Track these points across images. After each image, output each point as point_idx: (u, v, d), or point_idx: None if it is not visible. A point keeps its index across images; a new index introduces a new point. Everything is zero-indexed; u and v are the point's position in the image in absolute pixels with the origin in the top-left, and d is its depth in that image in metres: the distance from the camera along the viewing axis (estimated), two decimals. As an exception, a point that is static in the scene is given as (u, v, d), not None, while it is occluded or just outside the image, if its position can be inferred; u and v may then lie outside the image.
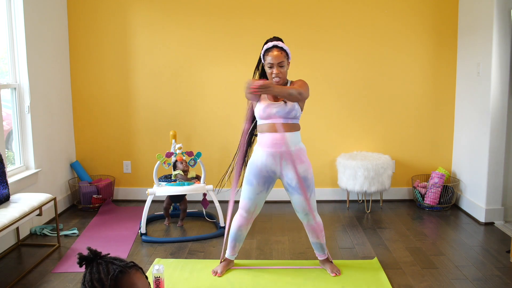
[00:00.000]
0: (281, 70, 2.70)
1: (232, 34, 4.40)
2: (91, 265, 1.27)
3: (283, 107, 2.73)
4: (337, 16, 4.37)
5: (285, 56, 2.71)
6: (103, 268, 1.24)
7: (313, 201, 2.83)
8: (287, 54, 2.73)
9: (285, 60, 2.71)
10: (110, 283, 1.20)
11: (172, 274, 2.92)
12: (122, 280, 1.21)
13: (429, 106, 4.47)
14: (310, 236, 2.93)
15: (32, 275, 2.94)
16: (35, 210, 3.12)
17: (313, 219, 2.85)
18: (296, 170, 2.74)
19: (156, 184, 3.63)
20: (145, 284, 1.27)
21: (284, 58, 2.70)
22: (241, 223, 2.92)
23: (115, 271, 1.22)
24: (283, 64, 2.70)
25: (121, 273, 1.22)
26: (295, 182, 2.75)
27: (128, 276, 1.23)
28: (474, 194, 4.07)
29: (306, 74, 4.42)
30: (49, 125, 4.07)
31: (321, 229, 2.91)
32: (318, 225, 2.88)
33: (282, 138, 2.73)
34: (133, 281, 1.23)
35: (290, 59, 2.77)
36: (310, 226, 2.88)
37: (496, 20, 3.66)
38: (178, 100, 4.49)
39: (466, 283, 2.80)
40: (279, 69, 2.69)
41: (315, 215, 2.86)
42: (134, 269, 1.27)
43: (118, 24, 4.42)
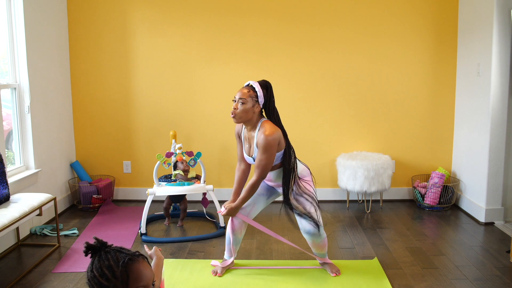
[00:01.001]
0: (239, 107, 2.67)
1: (233, 33, 4.40)
2: (99, 254, 1.31)
3: (252, 160, 2.80)
4: (337, 16, 4.37)
5: (251, 95, 2.66)
6: (112, 256, 1.29)
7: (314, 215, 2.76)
8: (256, 96, 2.67)
9: (249, 99, 2.66)
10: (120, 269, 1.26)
11: (172, 274, 2.92)
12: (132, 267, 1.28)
13: (429, 106, 4.47)
14: (314, 249, 2.91)
15: (32, 275, 2.94)
16: (35, 210, 3.12)
17: (319, 237, 2.79)
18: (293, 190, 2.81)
19: (156, 184, 3.63)
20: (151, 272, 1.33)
21: (248, 97, 2.66)
22: (234, 227, 2.92)
23: (125, 259, 1.28)
24: (244, 101, 2.66)
25: (131, 260, 1.29)
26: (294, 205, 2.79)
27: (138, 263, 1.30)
28: (474, 194, 4.07)
29: (306, 74, 4.44)
30: (49, 125, 4.07)
31: (325, 243, 2.88)
32: (324, 241, 2.85)
33: (268, 176, 2.84)
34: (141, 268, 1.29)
35: (261, 102, 2.68)
36: (315, 244, 2.84)
37: (496, 20, 3.66)
38: (178, 100, 4.49)
39: (466, 283, 2.80)
40: (238, 105, 2.69)
41: (322, 232, 2.79)
42: (141, 257, 1.34)
43: (118, 24, 4.42)
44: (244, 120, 2.71)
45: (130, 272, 1.28)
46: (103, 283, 1.27)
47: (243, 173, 2.95)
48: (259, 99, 2.67)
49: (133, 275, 1.28)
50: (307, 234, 2.77)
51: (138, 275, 1.29)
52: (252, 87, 2.69)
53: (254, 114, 2.70)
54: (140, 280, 1.29)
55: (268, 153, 2.63)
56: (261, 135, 2.64)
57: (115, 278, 1.26)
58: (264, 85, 2.72)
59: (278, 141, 2.66)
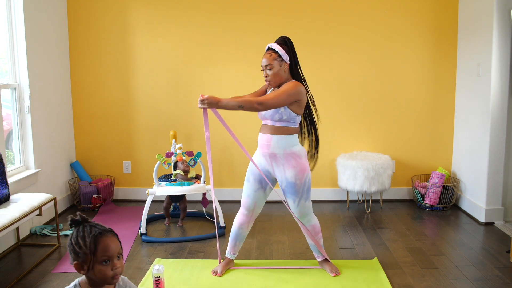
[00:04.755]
0: (269, 73, 2.69)
1: (233, 33, 4.40)
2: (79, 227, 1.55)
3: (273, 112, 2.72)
4: (337, 16, 4.37)
5: (275, 58, 2.67)
6: (87, 229, 1.53)
7: (302, 207, 2.78)
8: (279, 56, 2.68)
9: (275, 62, 2.67)
10: (90, 240, 1.50)
11: (172, 274, 2.92)
12: (100, 239, 1.51)
13: (429, 106, 4.47)
14: (306, 238, 2.95)
15: (32, 275, 2.94)
16: (35, 210, 3.12)
17: (307, 222, 2.86)
18: (285, 173, 2.74)
19: (156, 184, 3.63)
20: (117, 246, 1.56)
21: (273, 60, 2.67)
22: (242, 221, 2.93)
23: (95, 232, 1.52)
24: (271, 67, 2.68)
25: (100, 234, 1.52)
26: (284, 185, 2.78)
27: (105, 237, 1.53)
28: (474, 194, 4.07)
29: (306, 73, 4.42)
30: (49, 125, 4.07)
31: (316, 231, 2.90)
32: (313, 227, 2.88)
33: (269, 140, 2.73)
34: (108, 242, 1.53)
35: (286, 59, 2.70)
36: (305, 228, 2.89)
37: (496, 20, 3.66)
38: (178, 100, 4.49)
39: (466, 283, 2.80)
40: (267, 72, 2.70)
41: (309, 219, 2.85)
42: (110, 233, 1.57)
43: (118, 24, 4.42)
44: (279, 82, 2.73)
45: (98, 243, 1.51)
46: (76, 250, 1.51)
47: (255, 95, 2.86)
48: (284, 57, 2.69)
49: (100, 247, 1.51)
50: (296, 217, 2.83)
51: (105, 247, 1.51)
52: (273, 49, 2.69)
53: (285, 73, 2.72)
54: (106, 251, 1.51)
55: (285, 95, 2.59)
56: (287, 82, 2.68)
57: (85, 247, 1.50)
58: (283, 41, 2.73)
59: (298, 94, 2.63)
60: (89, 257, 1.50)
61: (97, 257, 1.51)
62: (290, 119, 2.69)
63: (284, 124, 2.70)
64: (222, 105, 2.57)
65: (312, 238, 2.88)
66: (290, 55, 2.72)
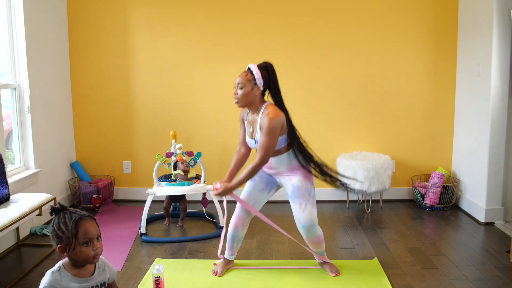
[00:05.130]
0: (239, 92, 2.68)
1: (233, 33, 4.40)
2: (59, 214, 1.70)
3: (254, 144, 2.77)
4: (337, 16, 4.37)
5: (249, 79, 2.66)
6: (68, 215, 1.69)
7: (309, 212, 2.73)
8: (254, 79, 2.67)
9: (248, 83, 2.66)
10: (71, 225, 1.66)
11: (172, 274, 2.92)
12: (80, 224, 1.67)
13: (429, 106, 4.47)
14: (310, 246, 2.90)
15: (32, 275, 2.95)
16: (35, 210, 3.12)
17: (313, 234, 2.79)
18: (290, 181, 2.78)
19: (156, 184, 3.63)
20: (96, 229, 1.72)
21: (246, 81, 2.66)
22: (237, 223, 2.93)
23: (75, 218, 1.68)
24: (242, 86, 2.66)
25: (80, 219, 1.68)
26: (290, 191, 2.78)
27: (85, 221, 1.69)
28: (474, 194, 4.07)
29: (306, 73, 4.44)
30: (49, 125, 4.07)
31: (320, 241, 2.87)
32: (319, 238, 2.84)
33: (269, 163, 2.77)
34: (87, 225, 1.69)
35: (260, 84, 2.67)
36: (309, 239, 2.83)
37: (496, 20, 3.66)
38: (178, 100, 4.49)
39: (466, 283, 2.80)
40: (237, 90, 2.70)
41: (316, 230, 2.78)
42: (89, 218, 1.72)
43: (118, 24, 4.42)
44: (246, 103, 2.71)
45: (78, 227, 1.66)
46: (59, 235, 1.66)
47: (242, 156, 2.92)
48: (258, 81, 2.67)
49: (81, 230, 1.67)
50: (301, 230, 2.78)
51: (85, 231, 1.67)
52: (250, 70, 2.69)
53: (256, 97, 2.69)
54: (86, 234, 1.68)
55: (271, 135, 2.61)
56: (264, 117, 2.63)
57: (67, 231, 1.65)
58: (264, 66, 2.71)
59: (281, 124, 2.65)
60: (72, 240, 1.65)
61: (79, 240, 1.66)
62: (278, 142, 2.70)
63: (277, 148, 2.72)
64: (236, 187, 2.72)
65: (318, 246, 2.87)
66: (267, 81, 2.69)
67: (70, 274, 1.70)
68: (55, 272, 1.69)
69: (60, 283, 1.67)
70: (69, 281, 1.68)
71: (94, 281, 1.74)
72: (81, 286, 1.70)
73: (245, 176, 2.69)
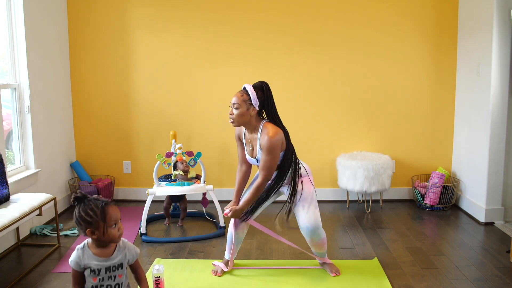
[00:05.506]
0: (234, 112, 2.70)
1: (233, 33, 4.40)
2: (82, 203, 1.88)
3: (255, 161, 2.82)
4: (337, 16, 4.37)
5: (245, 100, 2.67)
6: (93, 202, 1.88)
7: (313, 214, 2.75)
8: (249, 99, 2.68)
9: (244, 103, 2.67)
10: (100, 211, 1.86)
11: (172, 274, 2.92)
12: (106, 209, 1.88)
13: (429, 106, 4.47)
14: (313, 248, 2.91)
15: (32, 275, 2.94)
16: (35, 210, 3.12)
17: (318, 237, 2.79)
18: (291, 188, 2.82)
19: (156, 184, 3.63)
20: (119, 213, 1.93)
21: (242, 101, 2.67)
22: (238, 225, 2.92)
23: (102, 203, 1.88)
24: (238, 106, 2.68)
25: (106, 205, 1.88)
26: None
27: (110, 207, 1.89)
28: (474, 194, 4.07)
29: (306, 73, 4.44)
30: (49, 125, 4.07)
31: (324, 242, 2.88)
32: (322, 241, 2.85)
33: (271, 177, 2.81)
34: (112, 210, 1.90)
35: (255, 105, 2.68)
36: (313, 242, 2.83)
37: (496, 20, 3.66)
38: (178, 100, 4.49)
39: (466, 283, 2.80)
40: (233, 110, 2.71)
41: (320, 232, 2.79)
42: (112, 203, 1.94)
43: (118, 24, 4.42)
44: (242, 123, 2.73)
45: (106, 212, 1.87)
46: (88, 220, 1.85)
47: (245, 174, 2.98)
48: (253, 102, 2.67)
49: (108, 215, 1.87)
50: (305, 232, 2.77)
51: (112, 214, 1.88)
52: (246, 91, 2.70)
53: (252, 117, 2.71)
54: (113, 218, 1.89)
55: (273, 154, 2.66)
56: (264, 136, 2.66)
57: (96, 216, 1.85)
58: (260, 86, 2.72)
59: (281, 141, 2.70)
60: (101, 224, 1.85)
61: (107, 223, 1.87)
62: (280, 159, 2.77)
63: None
64: (244, 208, 2.82)
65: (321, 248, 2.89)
66: (263, 101, 2.71)
67: (91, 253, 1.90)
68: (80, 250, 1.90)
69: (82, 260, 1.88)
70: (90, 259, 1.89)
71: (112, 261, 1.91)
72: (100, 264, 1.88)
73: (251, 196, 2.78)
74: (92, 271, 1.88)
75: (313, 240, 2.80)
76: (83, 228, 1.87)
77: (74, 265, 1.89)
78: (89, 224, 1.85)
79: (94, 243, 1.91)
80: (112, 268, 1.92)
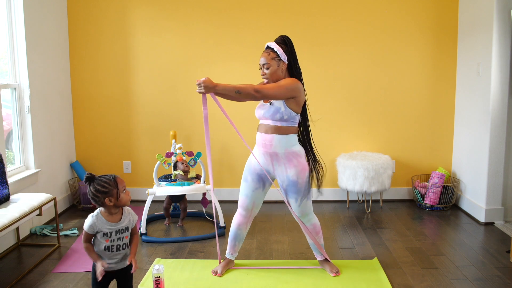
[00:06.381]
0: (266, 72, 2.71)
1: (232, 34, 4.40)
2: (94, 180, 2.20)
3: (268, 109, 2.74)
4: (337, 16, 4.37)
5: (273, 57, 2.69)
6: (103, 178, 2.21)
7: (304, 206, 2.79)
8: (277, 55, 2.69)
9: (273, 61, 2.69)
10: (112, 182, 2.20)
11: (172, 274, 2.92)
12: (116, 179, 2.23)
13: (429, 106, 4.47)
14: (307, 237, 2.94)
15: (32, 275, 2.94)
16: (35, 210, 3.12)
17: (308, 222, 2.86)
18: (286, 173, 2.74)
19: (156, 184, 3.63)
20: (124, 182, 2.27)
21: (270, 59, 2.68)
22: (240, 222, 2.93)
23: (111, 176, 2.24)
24: (268, 66, 2.70)
25: (115, 176, 2.24)
26: (285, 185, 2.78)
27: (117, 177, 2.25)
28: (474, 194, 4.07)
29: (306, 73, 4.42)
30: (49, 125, 4.07)
31: (317, 231, 2.90)
32: (314, 226, 2.88)
33: (270, 139, 2.73)
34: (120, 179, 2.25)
35: (284, 59, 2.71)
36: (304, 229, 2.89)
37: (496, 20, 3.66)
38: (178, 100, 4.49)
39: (466, 283, 2.80)
40: (264, 71, 2.73)
41: (310, 218, 2.86)
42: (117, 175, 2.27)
43: (118, 24, 4.42)
44: (276, 80, 2.74)
45: (117, 182, 2.22)
46: (105, 190, 2.18)
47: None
48: (282, 57, 2.70)
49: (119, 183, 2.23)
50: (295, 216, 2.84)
51: (121, 182, 2.24)
52: (271, 48, 2.71)
53: (283, 72, 2.74)
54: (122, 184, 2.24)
55: (281, 86, 2.63)
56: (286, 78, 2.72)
57: (111, 186, 2.19)
58: (282, 41, 2.74)
59: (296, 89, 2.68)
60: (115, 191, 2.20)
61: (119, 189, 2.21)
62: (290, 118, 2.70)
63: (284, 124, 2.71)
64: (220, 89, 2.66)
65: (312, 238, 2.88)
66: (288, 55, 2.72)
67: (104, 219, 2.21)
68: (94, 217, 2.20)
69: (96, 225, 2.19)
70: (103, 224, 2.20)
71: (120, 225, 2.24)
72: (111, 228, 2.21)
73: (232, 86, 2.65)
74: (105, 234, 2.20)
75: (302, 225, 2.86)
76: (101, 199, 2.19)
77: (88, 230, 2.19)
78: (106, 194, 2.18)
79: (107, 210, 2.23)
80: (121, 230, 2.24)
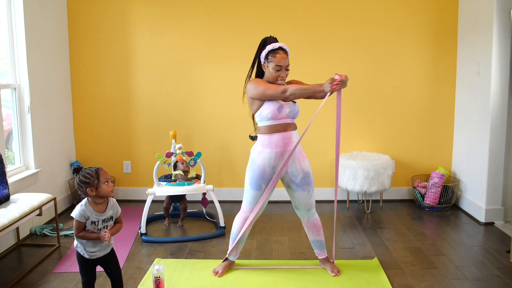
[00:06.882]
0: (287, 74, 2.74)
1: (232, 34, 4.40)
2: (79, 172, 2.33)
3: (293, 107, 2.77)
4: (337, 16, 4.37)
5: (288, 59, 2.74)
6: (87, 169, 2.34)
7: (313, 197, 2.88)
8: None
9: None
10: (94, 173, 2.32)
11: (172, 274, 2.92)
12: (98, 171, 2.34)
13: (429, 106, 4.47)
14: (311, 234, 2.93)
15: (32, 275, 2.94)
16: (35, 210, 3.12)
17: (313, 215, 2.90)
18: (301, 166, 2.79)
19: (156, 184, 3.63)
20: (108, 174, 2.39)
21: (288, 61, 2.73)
22: (247, 226, 2.87)
23: (94, 168, 2.35)
24: (289, 67, 2.73)
25: (98, 169, 2.35)
26: (299, 179, 2.78)
27: (101, 170, 2.36)
28: (474, 194, 4.07)
29: (306, 73, 4.43)
30: (49, 125, 4.07)
31: (321, 225, 2.95)
32: (318, 221, 2.93)
33: (291, 137, 2.76)
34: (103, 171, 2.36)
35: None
36: (311, 223, 2.90)
37: (496, 20, 3.66)
38: (178, 100, 4.49)
39: (466, 283, 2.80)
40: (286, 72, 2.73)
41: (314, 212, 2.91)
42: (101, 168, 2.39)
43: (118, 24, 4.42)
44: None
45: (99, 173, 2.33)
46: (87, 181, 2.29)
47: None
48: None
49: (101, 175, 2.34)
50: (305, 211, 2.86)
51: (103, 174, 2.34)
52: (284, 49, 2.72)
53: None
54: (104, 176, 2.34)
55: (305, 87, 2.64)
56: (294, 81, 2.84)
57: (92, 177, 2.31)
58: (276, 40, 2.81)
59: None
60: (96, 182, 2.31)
61: (100, 181, 2.32)
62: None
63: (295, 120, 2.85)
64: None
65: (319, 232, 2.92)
66: None
67: (91, 208, 2.34)
68: (83, 205, 2.32)
69: (85, 212, 2.32)
70: (91, 213, 2.33)
71: (106, 215, 2.38)
72: (98, 217, 2.35)
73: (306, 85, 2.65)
74: (93, 222, 2.34)
75: (309, 219, 2.89)
76: (84, 188, 2.32)
77: (79, 217, 2.30)
78: (88, 184, 2.30)
79: (92, 200, 2.35)
80: (106, 220, 2.39)
